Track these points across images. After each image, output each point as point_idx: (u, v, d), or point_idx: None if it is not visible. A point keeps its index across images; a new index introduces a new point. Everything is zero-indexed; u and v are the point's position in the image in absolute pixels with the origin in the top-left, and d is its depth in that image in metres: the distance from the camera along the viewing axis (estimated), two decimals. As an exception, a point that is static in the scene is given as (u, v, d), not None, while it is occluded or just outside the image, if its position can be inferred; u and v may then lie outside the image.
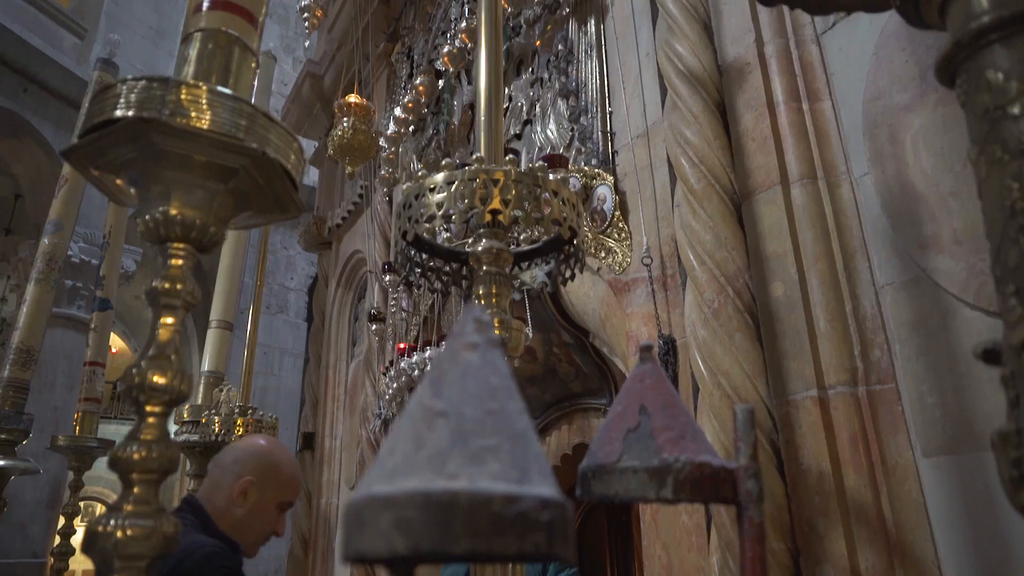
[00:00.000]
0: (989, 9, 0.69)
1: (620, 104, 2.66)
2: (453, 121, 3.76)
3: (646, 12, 2.62)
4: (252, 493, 1.96)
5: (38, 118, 10.34)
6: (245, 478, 1.96)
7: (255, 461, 2.00)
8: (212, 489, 1.98)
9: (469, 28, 3.33)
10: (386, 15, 4.85)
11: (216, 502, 1.94)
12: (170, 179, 0.97)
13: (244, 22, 1.13)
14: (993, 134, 0.66)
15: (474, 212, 1.44)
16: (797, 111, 2.05)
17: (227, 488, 1.95)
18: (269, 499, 1.99)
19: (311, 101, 5.78)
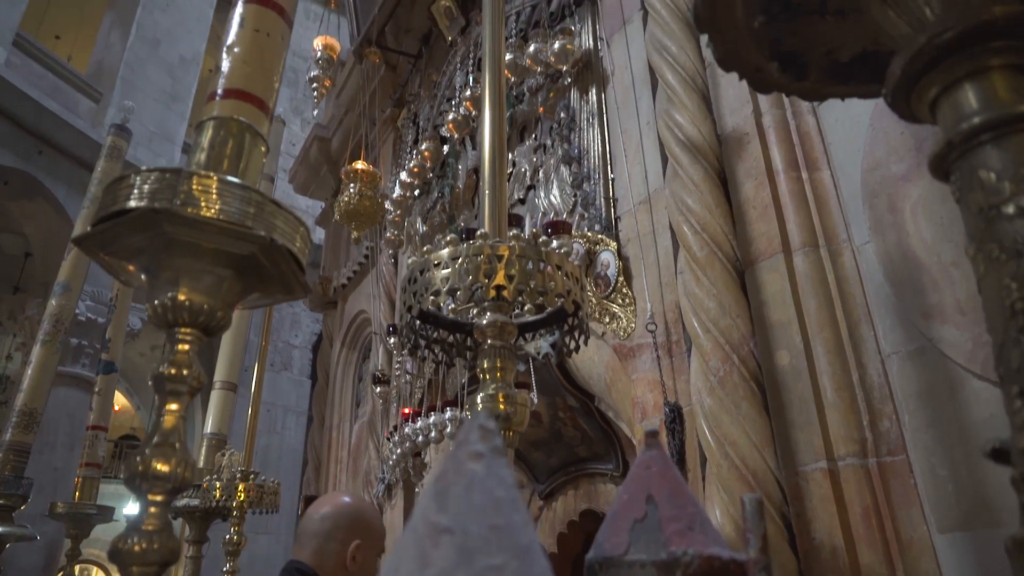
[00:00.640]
0: (979, 110, 0.71)
1: (622, 171, 2.70)
2: (458, 185, 3.83)
3: (646, 82, 2.69)
4: (360, 554, 2.05)
5: (51, 179, 10.55)
6: (354, 543, 2.05)
7: (355, 523, 2.10)
8: (321, 556, 2.06)
9: (473, 96, 3.42)
10: (392, 82, 4.99)
11: (329, 568, 2.03)
12: (180, 266, 0.98)
13: (255, 109, 1.17)
14: (989, 233, 0.67)
15: (479, 287, 1.45)
16: (796, 180, 2.08)
17: (338, 554, 2.05)
18: (372, 554, 2.11)
19: (318, 163, 5.89)
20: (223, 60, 1.23)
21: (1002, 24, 0.70)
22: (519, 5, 3.53)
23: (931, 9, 0.77)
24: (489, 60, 1.83)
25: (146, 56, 12.60)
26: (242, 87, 1.17)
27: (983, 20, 0.71)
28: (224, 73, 1.18)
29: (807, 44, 0.94)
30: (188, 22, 13.51)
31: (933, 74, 0.75)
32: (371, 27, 4.37)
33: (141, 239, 0.97)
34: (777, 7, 0.89)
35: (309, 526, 2.17)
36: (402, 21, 4.75)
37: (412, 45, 4.79)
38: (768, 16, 0.90)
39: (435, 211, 3.98)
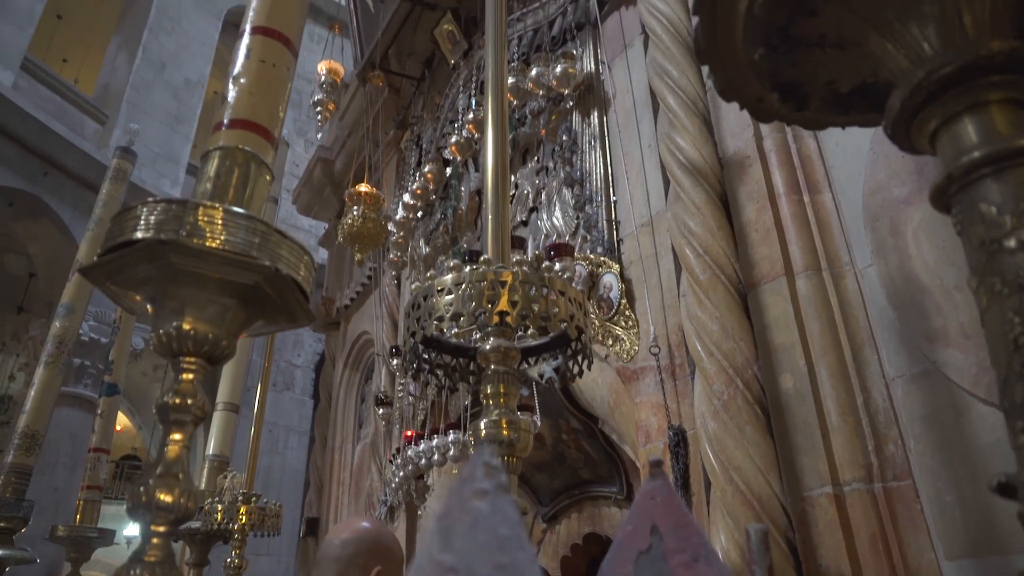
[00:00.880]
0: (979, 144, 0.72)
1: (624, 193, 2.71)
2: (460, 206, 3.85)
3: (647, 105, 2.71)
4: None
5: (56, 200, 10.61)
6: (376, 569, 2.05)
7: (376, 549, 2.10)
8: None
9: (476, 119, 3.45)
10: (396, 104, 5.04)
11: None
12: (185, 296, 0.99)
13: (260, 139, 1.18)
14: (991, 267, 0.67)
15: (482, 313, 1.45)
16: (798, 203, 2.08)
17: None
18: None
19: (322, 184, 5.93)
20: (229, 89, 1.25)
21: (1000, 59, 0.71)
22: (521, 29, 3.57)
23: (929, 44, 0.78)
24: (491, 83, 1.85)
25: (152, 79, 12.72)
26: (248, 117, 1.19)
27: (981, 55, 0.72)
28: (230, 103, 1.20)
29: (807, 75, 0.95)
30: (193, 45, 13.65)
31: (932, 108, 0.76)
32: (374, 50, 4.42)
33: (147, 269, 0.97)
34: (777, 39, 0.90)
35: (329, 551, 2.17)
36: (405, 44, 4.80)
37: (415, 68, 4.83)
38: (768, 48, 0.91)
39: (438, 232, 3.99)
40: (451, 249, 3.74)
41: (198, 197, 1.10)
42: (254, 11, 1.30)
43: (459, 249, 3.66)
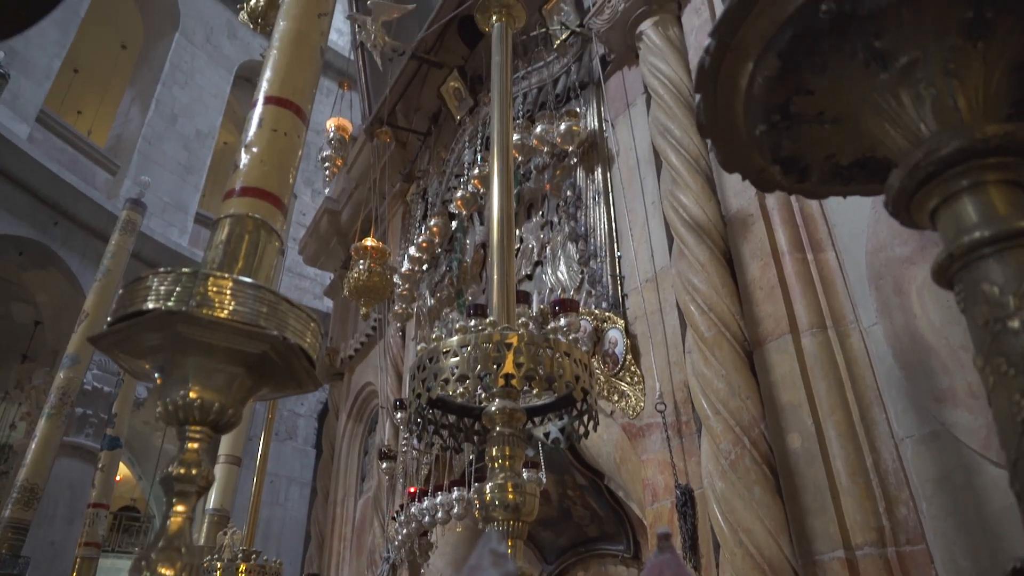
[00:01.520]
0: (979, 223, 0.73)
1: (628, 249, 2.73)
2: (466, 259, 3.87)
3: (650, 162, 2.76)
4: None
5: (65, 249, 10.71)
6: None
7: None
8: None
9: (482, 175, 3.50)
10: (402, 157, 5.12)
11: None
12: (193, 364, 0.99)
13: (271, 207, 1.21)
14: (996, 347, 0.68)
15: (487, 375, 1.45)
16: (802, 261, 2.09)
17: None
18: None
19: (328, 235, 5.99)
20: (241, 157, 1.28)
21: (995, 143, 0.73)
22: (526, 87, 3.65)
23: (926, 124, 0.80)
24: (497, 140, 1.89)
25: (163, 130, 12.98)
26: (259, 185, 1.21)
27: (977, 139, 0.73)
28: (242, 171, 1.23)
29: (807, 149, 0.97)
30: (205, 98, 13.96)
31: (931, 187, 0.77)
32: (382, 106, 4.52)
33: (156, 339, 0.98)
34: (777, 116, 0.92)
35: None
36: (412, 100, 4.90)
37: (422, 123, 4.93)
38: (768, 124, 0.93)
39: (443, 284, 4.01)
40: (456, 302, 3.76)
41: (208, 264, 1.11)
42: (268, 81, 1.34)
43: (464, 302, 3.67)
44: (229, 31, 14.46)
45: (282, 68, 1.37)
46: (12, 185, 10.06)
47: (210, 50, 14.17)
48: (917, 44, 0.79)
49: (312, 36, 1.46)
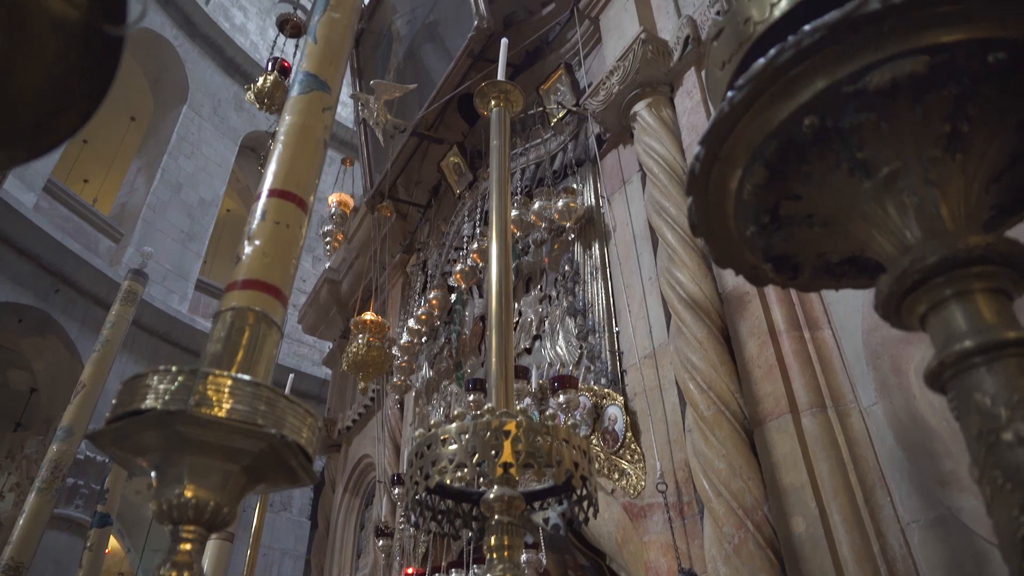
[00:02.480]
0: (968, 332, 0.74)
1: (626, 325, 2.75)
2: (465, 331, 3.88)
3: (646, 238, 2.80)
4: None
5: (65, 316, 10.74)
6: None
7: None
8: None
9: (480, 248, 3.55)
10: (402, 229, 5.20)
11: None
12: (189, 463, 0.99)
13: (272, 299, 1.22)
14: (991, 459, 0.68)
15: (485, 463, 1.44)
16: (799, 339, 2.10)
17: None
18: None
19: (328, 305, 6.01)
20: (244, 248, 1.30)
21: (978, 252, 0.75)
22: (524, 163, 3.74)
23: (911, 232, 0.82)
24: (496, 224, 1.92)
25: (168, 199, 13.21)
26: (260, 278, 1.23)
27: (960, 248, 0.75)
28: (244, 264, 1.25)
29: (798, 248, 0.99)
30: (210, 167, 14.28)
31: (919, 293, 0.78)
32: (383, 180, 4.62)
33: (154, 437, 0.98)
34: (767, 218, 0.94)
35: None
36: (413, 174, 5.01)
37: (422, 196, 5.03)
38: (759, 226, 0.95)
39: (442, 356, 4.01)
40: (455, 374, 3.75)
41: (209, 358, 1.12)
42: (272, 175, 1.37)
43: (463, 375, 3.66)
44: (236, 103, 14.90)
45: (286, 162, 1.41)
46: (16, 253, 10.17)
47: (217, 122, 14.56)
48: (898, 155, 0.82)
49: (316, 130, 1.51)
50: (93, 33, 0.55)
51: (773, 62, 0.81)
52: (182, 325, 12.14)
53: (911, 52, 0.76)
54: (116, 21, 0.54)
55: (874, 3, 0.75)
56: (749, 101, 0.84)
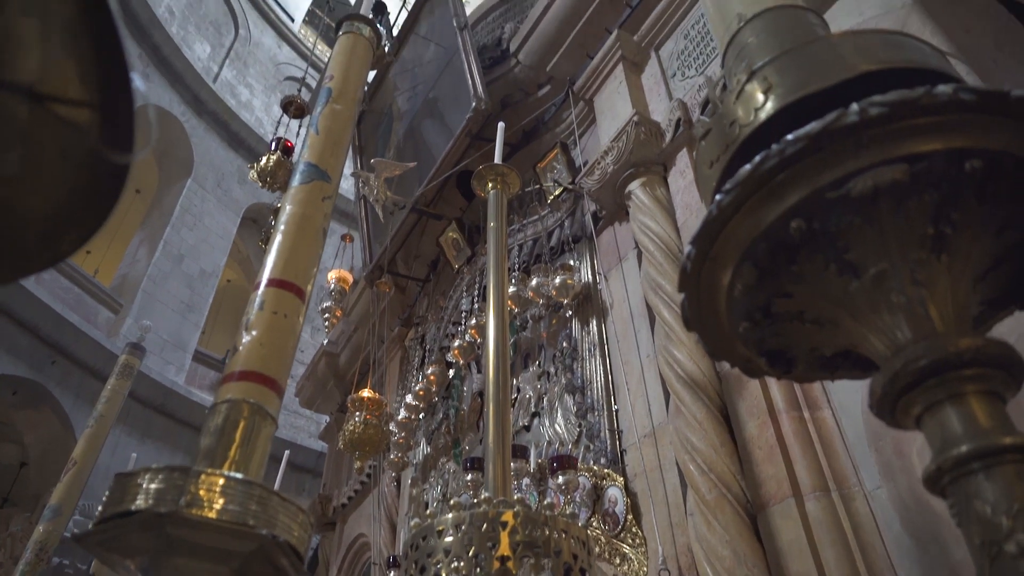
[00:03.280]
0: (964, 436, 0.74)
1: (625, 402, 2.73)
2: (463, 407, 3.85)
3: (644, 315, 2.81)
4: None
5: (60, 388, 10.64)
6: None
7: None
8: None
9: (479, 324, 3.56)
10: (401, 302, 5.22)
11: None
12: (179, 566, 0.97)
13: (267, 390, 1.22)
14: (996, 571, 0.67)
15: (482, 557, 1.40)
16: (799, 420, 2.09)
17: None
18: None
19: (326, 377, 5.98)
20: (241, 338, 1.31)
21: (968, 356, 0.75)
22: (521, 239, 3.79)
23: (901, 332, 0.83)
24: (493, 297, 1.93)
25: (169, 270, 13.31)
26: (257, 369, 1.23)
27: (950, 351, 0.76)
28: (241, 355, 1.25)
29: (791, 343, 1.00)
30: (212, 239, 14.44)
31: (913, 395, 0.79)
32: (383, 255, 4.67)
33: (143, 539, 0.96)
34: (758, 315, 0.96)
35: None
36: (412, 248, 5.07)
37: (421, 270, 5.07)
38: (751, 322, 0.96)
39: (440, 432, 3.96)
40: (452, 452, 3.69)
41: (202, 452, 1.11)
42: (271, 265, 1.40)
43: (460, 452, 3.61)
44: (239, 176, 15.18)
45: (285, 251, 1.44)
46: (15, 324, 10.17)
47: (220, 194, 14.82)
48: (884, 257, 0.84)
49: (315, 219, 1.54)
50: (100, 160, 0.58)
51: (758, 168, 0.84)
52: (178, 397, 12.02)
53: (890, 161, 0.79)
54: (124, 150, 0.56)
55: (852, 115, 0.78)
56: (737, 205, 0.87)
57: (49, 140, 0.60)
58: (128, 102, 0.56)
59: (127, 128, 0.58)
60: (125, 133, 0.57)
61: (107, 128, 0.58)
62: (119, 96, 0.56)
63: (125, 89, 0.56)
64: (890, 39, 0.95)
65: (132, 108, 0.57)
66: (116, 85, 0.56)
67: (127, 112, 0.57)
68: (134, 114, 0.57)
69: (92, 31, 0.54)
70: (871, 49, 0.94)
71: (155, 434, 11.78)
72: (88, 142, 0.58)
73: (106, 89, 0.57)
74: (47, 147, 0.59)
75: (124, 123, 0.57)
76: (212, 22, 15.60)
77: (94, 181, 0.60)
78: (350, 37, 2.07)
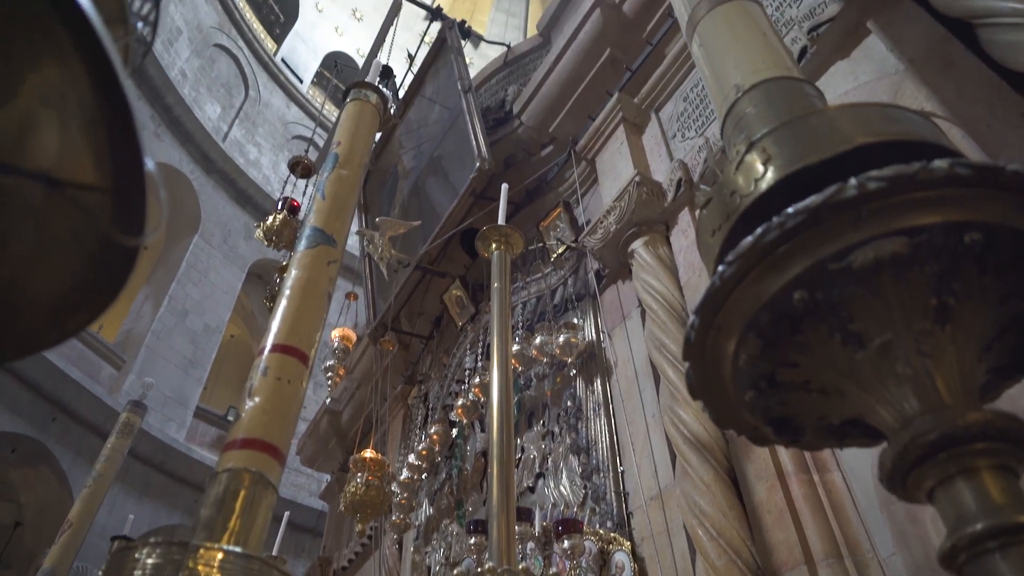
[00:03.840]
0: (978, 514, 0.72)
1: (631, 463, 2.69)
2: (466, 467, 3.79)
3: (648, 374, 2.79)
4: None
5: (60, 446, 10.52)
6: None
7: None
8: None
9: (482, 382, 3.53)
10: (404, 359, 5.20)
11: None
12: (173, 645, 0.94)
13: (269, 458, 1.21)
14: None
15: (486, 631, 1.37)
16: (808, 483, 2.05)
17: None
18: None
19: (328, 436, 5.91)
20: (245, 403, 1.30)
21: (977, 429, 0.75)
22: (525, 296, 3.80)
23: (908, 404, 0.82)
24: (497, 356, 1.93)
25: (173, 326, 13.32)
26: (259, 436, 1.22)
27: (959, 425, 0.75)
28: (244, 421, 1.24)
29: (798, 411, 0.99)
30: (217, 294, 14.49)
31: (924, 469, 0.77)
32: (386, 313, 4.68)
33: (138, 618, 0.94)
34: (764, 384, 0.95)
35: None
36: (415, 305, 5.09)
37: (424, 327, 5.07)
38: (757, 391, 0.96)
39: (443, 493, 3.89)
40: (455, 513, 3.62)
41: (201, 523, 1.09)
42: (276, 330, 1.40)
43: (464, 513, 3.54)
44: (246, 232, 15.34)
45: (290, 316, 1.44)
46: (17, 382, 10.13)
47: (226, 250, 14.95)
48: (888, 327, 0.84)
49: (321, 283, 1.55)
50: (111, 243, 0.58)
51: (760, 241, 0.85)
52: (178, 454, 11.88)
53: (890, 233, 0.80)
54: (135, 233, 0.57)
55: (851, 189, 0.80)
56: (739, 276, 0.87)
57: (62, 223, 0.61)
58: (141, 186, 0.58)
59: (139, 212, 0.59)
60: (137, 217, 0.58)
61: (119, 212, 0.59)
62: (132, 180, 0.58)
63: (138, 173, 0.57)
64: (886, 112, 0.97)
65: (145, 192, 0.58)
66: (130, 169, 0.57)
67: (140, 196, 0.58)
68: (146, 198, 0.58)
69: (109, 118, 0.56)
70: (868, 122, 0.96)
71: (154, 492, 11.60)
72: (100, 226, 0.59)
73: (120, 173, 0.58)
74: (59, 230, 0.60)
75: (136, 207, 0.58)
76: (224, 83, 16.03)
77: (104, 263, 0.61)
78: (357, 104, 2.12)
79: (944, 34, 2.14)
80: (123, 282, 0.61)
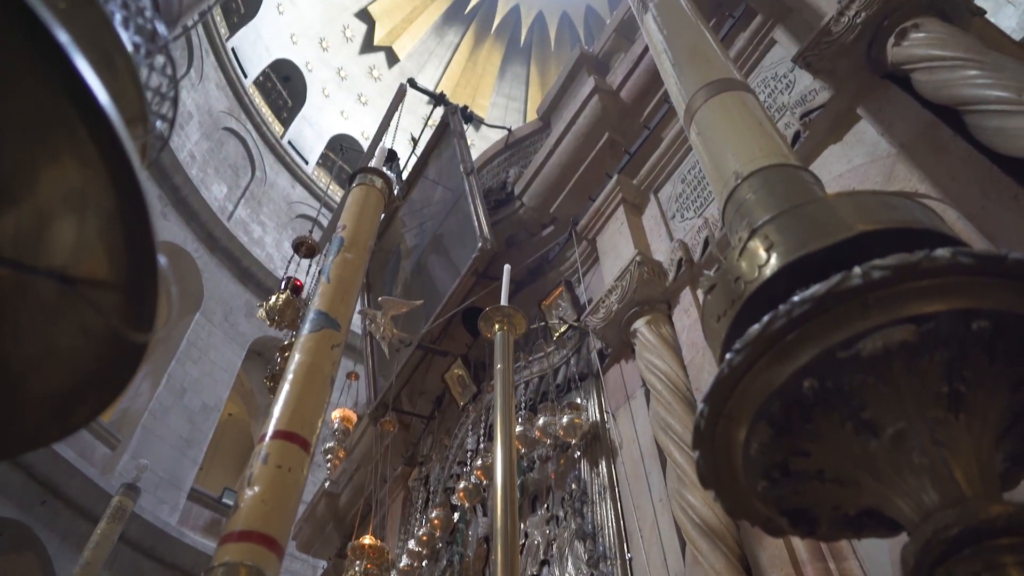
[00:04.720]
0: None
1: (639, 550, 2.60)
2: (468, 553, 3.66)
3: (654, 456, 2.73)
4: None
5: (47, 531, 10.20)
6: None
7: None
8: None
9: (485, 465, 3.46)
10: (405, 440, 5.11)
11: None
12: None
13: (267, 551, 1.17)
14: None
15: None
16: (824, 572, 1.97)
17: None
18: None
19: (325, 520, 5.74)
20: (244, 492, 1.27)
21: (1001, 523, 0.72)
22: (527, 376, 3.77)
23: (927, 496, 0.80)
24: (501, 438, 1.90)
25: (170, 404, 13.16)
26: (258, 528, 1.19)
27: (982, 519, 0.73)
28: (242, 512, 1.21)
29: (812, 502, 0.96)
30: (216, 372, 14.39)
31: (948, 564, 0.75)
32: (387, 392, 4.64)
33: None
34: (777, 473, 0.93)
35: None
36: (416, 384, 5.04)
37: (425, 407, 5.01)
38: (769, 481, 0.93)
39: (443, 581, 3.74)
40: (457, 604, 3.47)
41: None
42: (278, 416, 1.38)
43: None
44: (247, 310, 15.36)
45: (292, 402, 1.43)
46: (9, 463, 9.91)
47: (227, 328, 14.94)
48: (901, 416, 0.82)
49: (324, 367, 1.54)
50: (120, 339, 0.58)
51: (767, 328, 0.85)
52: (169, 539, 11.50)
53: (898, 321, 0.80)
54: (144, 330, 0.57)
55: (855, 278, 0.80)
56: (748, 364, 0.87)
57: (72, 319, 0.61)
58: (153, 283, 0.58)
59: (150, 308, 0.59)
60: (147, 312, 0.59)
61: (130, 307, 0.59)
62: (145, 278, 0.58)
63: (152, 270, 0.58)
64: (886, 200, 0.99)
65: (156, 289, 0.58)
66: (143, 266, 0.58)
67: (151, 292, 0.58)
68: (157, 294, 0.59)
69: (126, 216, 0.56)
70: (867, 210, 0.98)
71: (143, 579, 11.16)
72: (111, 321, 0.59)
73: (133, 271, 0.58)
74: (69, 326, 0.60)
75: (147, 303, 0.58)
76: (231, 164, 16.43)
77: (111, 358, 0.61)
78: (363, 188, 2.17)
79: (932, 119, 2.20)
80: (130, 377, 0.60)
